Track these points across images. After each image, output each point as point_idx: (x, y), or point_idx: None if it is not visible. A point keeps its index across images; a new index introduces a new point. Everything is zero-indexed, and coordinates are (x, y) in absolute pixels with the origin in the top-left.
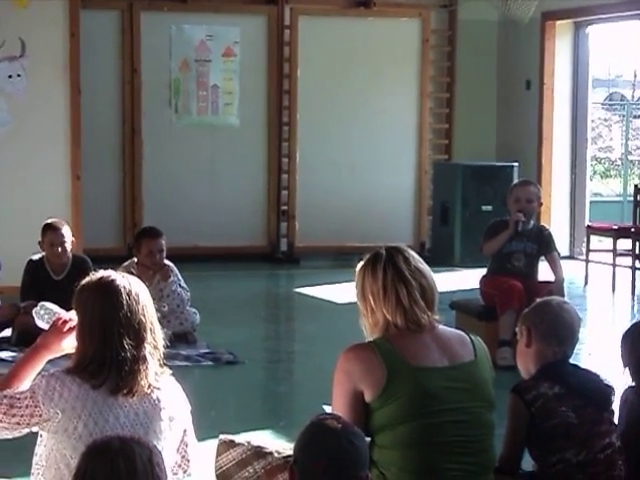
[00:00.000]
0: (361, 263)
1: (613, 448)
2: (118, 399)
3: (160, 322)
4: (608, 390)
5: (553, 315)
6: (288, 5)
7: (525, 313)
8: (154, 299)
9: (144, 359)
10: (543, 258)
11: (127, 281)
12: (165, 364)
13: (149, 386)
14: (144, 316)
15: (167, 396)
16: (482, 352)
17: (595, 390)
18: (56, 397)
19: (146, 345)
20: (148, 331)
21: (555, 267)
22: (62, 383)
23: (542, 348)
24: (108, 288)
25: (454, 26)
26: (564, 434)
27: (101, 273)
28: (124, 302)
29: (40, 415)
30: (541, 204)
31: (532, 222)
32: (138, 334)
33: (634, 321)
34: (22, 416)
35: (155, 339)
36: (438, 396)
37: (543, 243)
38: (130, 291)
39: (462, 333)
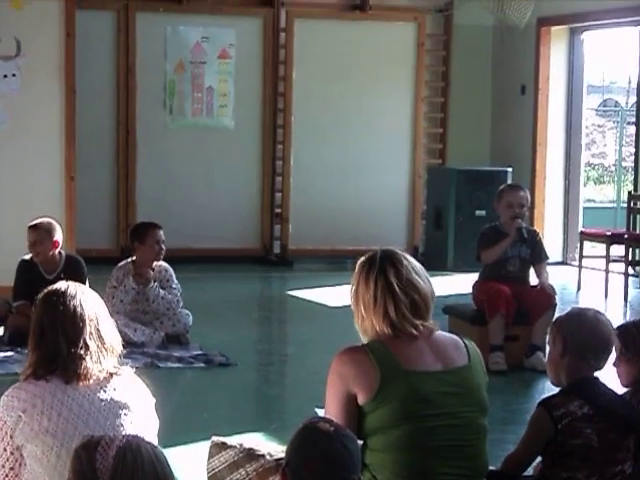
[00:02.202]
0: (358, 264)
1: (623, 475)
2: (78, 388)
3: (153, 324)
4: (634, 416)
5: (590, 327)
6: (284, 8)
7: (560, 321)
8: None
9: (85, 346)
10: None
11: (65, 285)
12: (157, 365)
13: (105, 372)
14: (82, 308)
15: (129, 387)
16: (476, 357)
17: (622, 415)
18: (15, 403)
19: (86, 335)
20: (87, 323)
21: (540, 274)
22: (18, 389)
23: (577, 360)
24: (45, 296)
25: (449, 31)
26: (583, 456)
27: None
28: (57, 301)
29: (9, 427)
30: (528, 207)
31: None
32: (74, 326)
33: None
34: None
35: (99, 331)
36: (431, 400)
37: (536, 249)
38: (64, 292)
39: (456, 337)
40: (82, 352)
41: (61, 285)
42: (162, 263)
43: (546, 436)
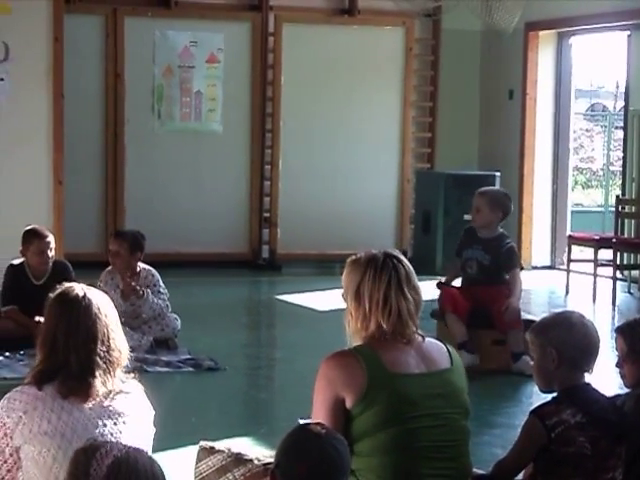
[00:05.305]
0: (362, 261)
1: None
2: (79, 400)
3: (141, 328)
4: (625, 422)
5: (582, 335)
6: (272, 12)
7: (546, 330)
8: (131, 308)
9: (94, 367)
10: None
11: (84, 292)
12: (145, 369)
13: (110, 391)
14: (95, 326)
15: (131, 401)
16: (458, 361)
17: (614, 423)
18: (17, 405)
19: (97, 354)
20: (99, 341)
21: (514, 287)
22: (20, 392)
23: (572, 369)
24: (62, 300)
25: (438, 35)
26: (575, 464)
27: (66, 285)
28: (74, 312)
29: (9, 428)
30: (506, 214)
31: (498, 231)
32: (86, 346)
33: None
34: None
35: (110, 349)
36: (416, 402)
37: (501, 258)
38: (81, 302)
39: (439, 342)
40: (91, 375)
41: (80, 294)
42: (148, 267)
43: (539, 445)
